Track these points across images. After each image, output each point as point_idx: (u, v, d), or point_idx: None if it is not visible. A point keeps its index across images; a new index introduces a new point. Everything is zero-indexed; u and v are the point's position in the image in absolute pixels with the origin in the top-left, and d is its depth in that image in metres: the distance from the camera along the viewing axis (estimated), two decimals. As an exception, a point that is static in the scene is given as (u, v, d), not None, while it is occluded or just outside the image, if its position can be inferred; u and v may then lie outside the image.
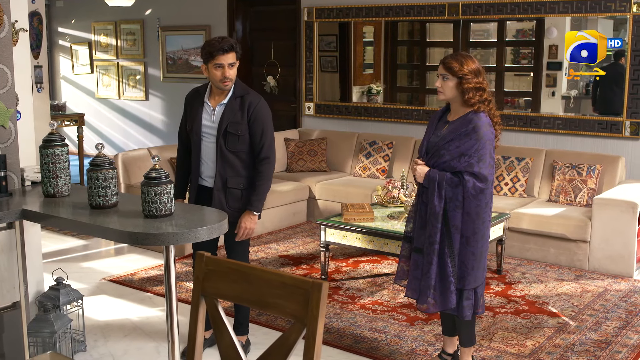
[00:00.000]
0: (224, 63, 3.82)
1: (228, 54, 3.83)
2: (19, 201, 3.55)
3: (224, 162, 3.92)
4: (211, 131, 3.95)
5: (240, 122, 3.90)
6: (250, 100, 3.94)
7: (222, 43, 3.82)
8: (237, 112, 3.90)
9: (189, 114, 4.04)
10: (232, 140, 3.90)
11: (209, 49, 3.82)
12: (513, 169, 6.52)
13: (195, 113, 3.99)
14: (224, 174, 3.92)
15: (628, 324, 4.61)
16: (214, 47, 3.80)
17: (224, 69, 3.83)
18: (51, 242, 6.53)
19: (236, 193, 3.95)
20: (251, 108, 3.92)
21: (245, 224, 3.94)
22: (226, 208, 3.91)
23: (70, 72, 11.53)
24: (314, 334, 1.89)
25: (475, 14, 7.20)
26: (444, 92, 3.59)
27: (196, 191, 4.03)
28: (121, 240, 3.11)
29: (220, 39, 3.86)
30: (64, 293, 4.06)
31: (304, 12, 8.39)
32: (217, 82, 3.87)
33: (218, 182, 3.93)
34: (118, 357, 4.15)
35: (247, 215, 3.95)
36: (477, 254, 3.59)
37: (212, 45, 3.82)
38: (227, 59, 3.83)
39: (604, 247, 5.65)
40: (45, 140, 3.60)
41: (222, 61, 3.82)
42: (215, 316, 2.13)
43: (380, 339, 4.36)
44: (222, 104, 3.94)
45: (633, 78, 6.35)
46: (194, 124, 3.98)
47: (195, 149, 4.01)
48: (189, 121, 4.03)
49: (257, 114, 3.93)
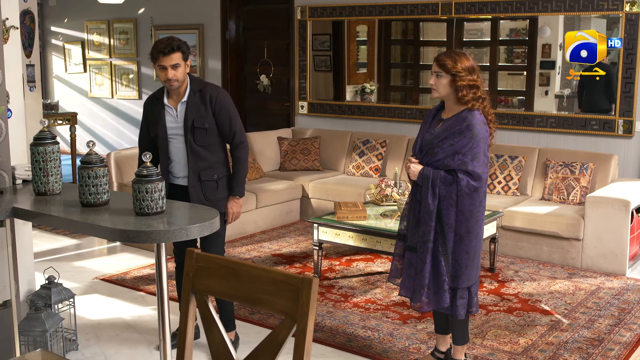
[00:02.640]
0: (166, 65, 3.83)
1: (170, 55, 3.82)
2: (9, 199, 3.53)
3: (195, 158, 3.96)
4: (178, 131, 3.98)
5: (205, 116, 3.94)
6: (210, 93, 3.97)
7: (163, 45, 3.82)
8: (199, 106, 3.94)
9: (151, 120, 4.05)
10: (201, 134, 3.95)
11: (152, 51, 3.86)
12: (506, 168, 6.53)
13: (158, 117, 4.00)
14: (197, 169, 3.97)
15: (621, 322, 4.62)
16: (156, 49, 3.82)
17: (166, 70, 3.83)
18: (43, 241, 6.51)
19: (211, 185, 4.02)
20: (213, 100, 3.96)
21: (233, 208, 4.08)
22: (204, 201, 3.98)
23: (63, 71, 11.49)
24: (305, 330, 1.88)
25: (469, 12, 7.20)
26: (437, 90, 3.58)
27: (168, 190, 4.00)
28: (112, 238, 3.10)
29: (165, 40, 3.87)
30: (55, 292, 4.04)
31: (297, 10, 8.38)
32: (164, 82, 3.90)
33: (192, 178, 3.98)
34: (110, 356, 4.13)
35: (232, 200, 4.09)
36: (471, 252, 3.58)
37: (155, 47, 3.84)
38: (170, 61, 3.82)
39: (597, 245, 5.66)
40: (36, 138, 3.58)
41: (164, 63, 3.83)
42: (206, 313, 2.12)
43: (373, 337, 4.35)
44: (183, 102, 3.96)
45: (625, 76, 6.36)
46: (159, 128, 3.99)
47: (163, 153, 4.04)
48: (152, 127, 4.04)
49: (220, 104, 3.97)
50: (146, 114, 4.11)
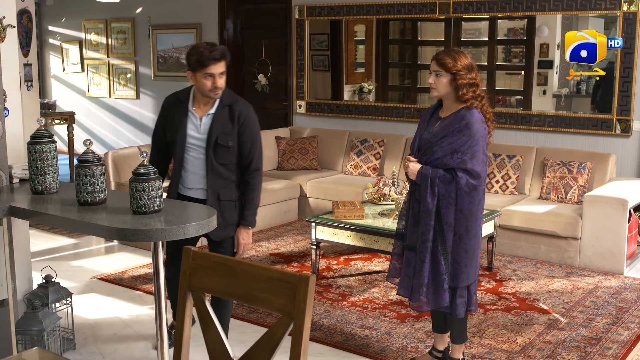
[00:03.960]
0: (214, 73, 3.59)
1: (219, 63, 3.60)
2: (6, 198, 3.53)
3: (215, 176, 3.70)
4: (199, 142, 3.71)
5: (230, 133, 3.67)
6: (240, 110, 3.70)
7: (213, 51, 3.57)
8: (227, 123, 3.67)
9: (169, 123, 3.78)
10: (223, 153, 3.68)
11: (199, 57, 3.56)
12: (504, 167, 6.53)
13: (179, 123, 3.71)
14: (216, 188, 3.71)
15: (618, 321, 4.62)
16: (205, 56, 3.55)
17: (214, 78, 3.59)
18: (41, 240, 6.50)
19: (230, 205, 3.76)
20: (241, 118, 3.69)
21: (244, 239, 3.81)
22: (221, 222, 3.73)
23: (60, 70, 11.48)
24: (301, 328, 1.88)
25: (466, 12, 7.20)
26: (437, 89, 3.56)
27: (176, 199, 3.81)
28: (109, 236, 3.10)
29: (210, 46, 3.61)
30: (52, 291, 4.04)
31: (295, 10, 8.38)
32: (206, 91, 3.62)
33: (211, 198, 3.71)
34: (107, 355, 4.13)
35: (243, 230, 3.81)
36: (470, 251, 3.58)
37: (202, 53, 3.55)
38: (218, 69, 3.60)
39: (595, 244, 5.66)
40: (33, 137, 3.58)
41: (213, 71, 3.58)
42: (203, 311, 2.12)
43: (371, 336, 4.35)
44: (210, 113, 3.69)
45: (623, 76, 6.37)
46: (178, 134, 3.71)
47: (177, 160, 3.78)
48: (171, 131, 3.77)
49: (247, 124, 3.70)
50: (165, 114, 3.82)
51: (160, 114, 3.87)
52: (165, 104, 3.84)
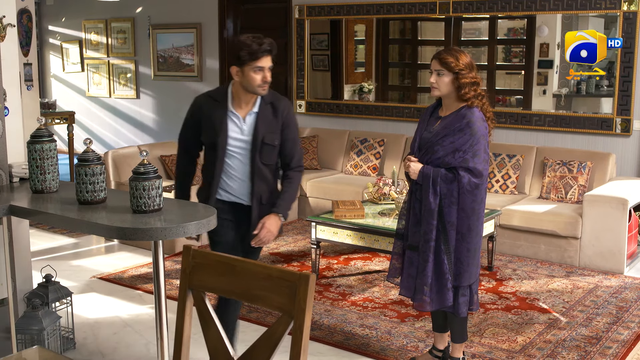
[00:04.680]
0: (264, 66, 3.33)
1: (269, 56, 3.36)
2: (6, 197, 3.52)
3: (259, 179, 3.47)
4: (243, 145, 3.44)
5: (275, 132, 3.45)
6: (283, 106, 3.48)
7: (263, 44, 3.31)
8: (272, 121, 3.45)
9: (207, 125, 3.46)
10: (268, 152, 3.47)
11: (250, 49, 3.28)
12: (504, 166, 6.53)
13: (219, 125, 3.42)
14: (259, 192, 3.48)
15: (618, 320, 4.62)
16: (255, 49, 3.29)
17: (264, 72, 3.33)
18: (41, 240, 6.50)
19: (267, 209, 3.53)
20: (284, 114, 3.48)
21: (270, 226, 3.46)
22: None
23: (60, 70, 11.47)
24: (301, 326, 1.88)
25: (466, 11, 7.20)
26: (439, 88, 3.55)
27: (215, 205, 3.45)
28: (109, 235, 3.09)
29: (257, 38, 3.33)
30: (52, 290, 4.04)
31: (295, 9, 8.37)
32: (255, 87, 3.35)
33: (255, 201, 3.48)
34: (107, 354, 4.13)
35: (273, 217, 3.48)
36: (472, 250, 3.57)
37: (251, 46, 3.28)
38: (268, 62, 3.35)
39: (595, 243, 5.66)
40: (33, 136, 3.57)
41: (263, 64, 3.32)
42: (203, 310, 2.12)
43: (371, 336, 4.35)
44: (253, 112, 3.44)
45: (623, 75, 6.36)
46: (219, 137, 3.42)
47: (218, 164, 3.47)
48: (208, 133, 3.46)
49: (289, 121, 3.51)
50: (199, 115, 3.50)
51: (192, 115, 3.53)
52: (197, 105, 3.52)
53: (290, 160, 3.55)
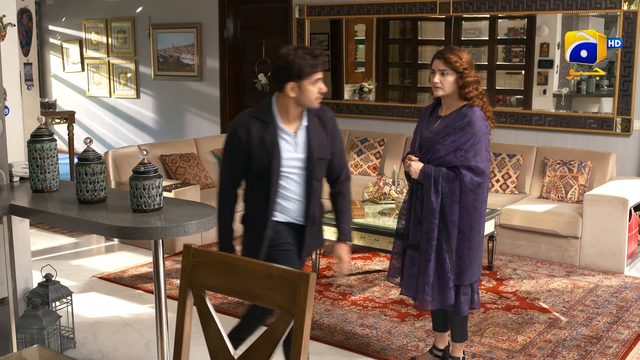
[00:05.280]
0: (320, 77, 3.15)
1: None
2: (7, 196, 3.52)
3: (314, 197, 3.27)
4: (298, 163, 3.20)
5: (326, 145, 3.26)
6: (328, 117, 3.29)
7: (317, 55, 3.13)
8: (321, 133, 3.25)
9: (258, 149, 3.15)
10: (321, 167, 3.27)
11: (311, 63, 3.09)
12: (504, 166, 6.53)
13: (271, 145, 3.15)
14: (313, 211, 3.28)
15: (619, 319, 4.62)
16: (315, 61, 3.11)
17: (320, 83, 3.15)
18: (41, 239, 6.50)
19: (318, 227, 3.39)
20: (330, 124, 3.29)
21: (346, 257, 3.39)
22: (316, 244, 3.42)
23: (60, 70, 11.48)
24: (302, 325, 1.88)
25: (467, 11, 7.20)
26: (443, 88, 3.53)
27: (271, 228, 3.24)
28: (109, 234, 3.10)
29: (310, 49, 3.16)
30: (53, 289, 4.03)
31: (296, 9, 8.38)
32: (313, 100, 3.15)
33: (309, 221, 3.29)
34: (107, 353, 4.13)
35: (344, 247, 3.39)
36: (474, 248, 3.57)
37: (306, 59, 3.09)
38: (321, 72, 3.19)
39: (595, 243, 5.66)
40: (33, 135, 3.58)
41: (320, 75, 3.14)
42: (203, 309, 2.11)
43: (371, 335, 4.35)
44: (303, 126, 3.21)
45: (623, 75, 6.36)
46: (272, 159, 3.15)
47: (273, 189, 3.19)
48: (261, 159, 3.16)
49: (336, 132, 3.32)
50: (247, 142, 3.16)
51: (239, 143, 3.17)
52: (244, 129, 3.17)
53: (340, 173, 3.37)
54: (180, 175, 6.53)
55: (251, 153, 3.16)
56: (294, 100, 3.16)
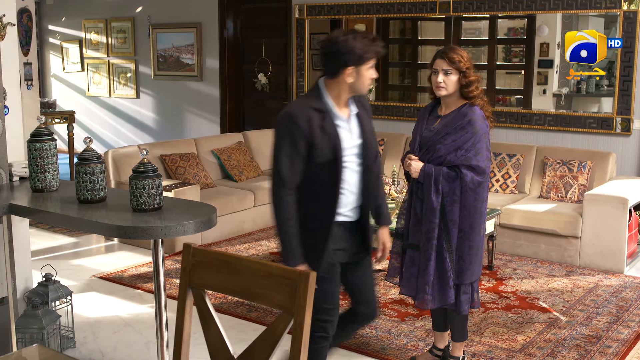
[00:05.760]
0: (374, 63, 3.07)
1: None
2: (6, 196, 3.52)
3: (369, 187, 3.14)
4: (352, 151, 3.05)
5: (372, 128, 3.15)
6: (365, 100, 3.20)
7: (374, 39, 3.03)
8: (367, 118, 3.14)
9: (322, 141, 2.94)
10: (374, 154, 3.16)
11: (372, 47, 3.00)
12: (504, 166, 6.53)
13: (331, 134, 2.96)
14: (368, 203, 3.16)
15: (619, 319, 4.62)
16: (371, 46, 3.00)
17: (374, 69, 3.05)
18: (41, 239, 6.50)
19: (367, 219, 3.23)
20: (368, 108, 3.19)
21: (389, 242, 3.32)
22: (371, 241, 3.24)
23: (60, 70, 11.48)
24: (302, 324, 1.88)
25: (467, 11, 7.21)
26: (446, 88, 3.52)
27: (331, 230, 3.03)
28: (109, 234, 3.10)
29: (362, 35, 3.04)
30: (52, 289, 4.03)
31: (295, 9, 8.38)
32: (367, 86, 3.05)
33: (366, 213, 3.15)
34: (107, 353, 4.13)
35: (387, 230, 3.33)
36: (475, 248, 3.57)
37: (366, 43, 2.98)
38: None
39: (595, 242, 5.66)
40: (33, 135, 3.58)
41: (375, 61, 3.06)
42: (203, 308, 2.12)
43: (371, 335, 4.35)
44: (354, 111, 3.09)
45: (623, 75, 6.37)
46: (336, 148, 2.96)
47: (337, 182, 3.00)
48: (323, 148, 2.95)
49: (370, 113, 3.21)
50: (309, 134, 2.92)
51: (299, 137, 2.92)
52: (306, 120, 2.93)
53: (375, 156, 3.20)
54: (180, 175, 6.53)
55: (314, 143, 2.92)
56: (349, 86, 3.01)
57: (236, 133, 7.96)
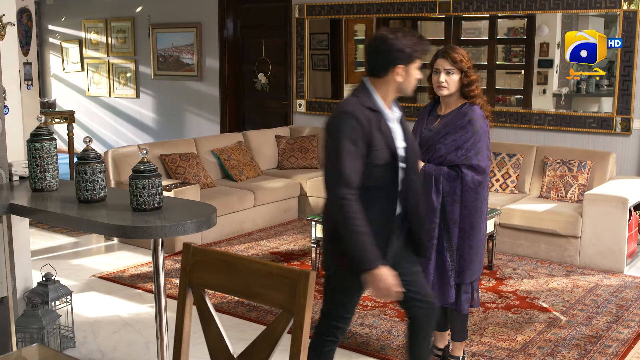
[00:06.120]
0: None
1: None
2: (6, 195, 3.52)
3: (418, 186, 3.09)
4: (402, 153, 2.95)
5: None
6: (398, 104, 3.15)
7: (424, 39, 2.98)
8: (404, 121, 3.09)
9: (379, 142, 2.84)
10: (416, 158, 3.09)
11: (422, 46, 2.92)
12: (504, 165, 6.53)
13: (389, 136, 2.89)
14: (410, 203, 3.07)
15: (619, 319, 4.62)
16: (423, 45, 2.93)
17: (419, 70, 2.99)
18: (41, 239, 6.49)
19: None
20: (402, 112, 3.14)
21: None
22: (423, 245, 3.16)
23: (60, 69, 11.47)
24: (302, 323, 1.88)
25: (466, 10, 7.21)
26: (448, 87, 3.51)
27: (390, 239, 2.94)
28: (109, 233, 3.09)
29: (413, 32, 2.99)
30: (52, 289, 4.03)
31: (295, 9, 8.37)
32: (413, 86, 3.00)
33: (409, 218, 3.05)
34: (107, 353, 4.12)
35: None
36: (475, 247, 3.57)
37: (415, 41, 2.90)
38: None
39: (595, 242, 5.66)
40: (33, 134, 3.58)
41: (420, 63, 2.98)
42: (203, 308, 2.11)
43: (371, 335, 4.34)
44: (399, 112, 3.05)
45: (623, 74, 6.36)
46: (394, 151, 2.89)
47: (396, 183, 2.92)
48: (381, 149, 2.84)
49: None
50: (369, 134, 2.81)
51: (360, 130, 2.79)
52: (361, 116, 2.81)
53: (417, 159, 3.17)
54: (180, 175, 6.53)
55: (373, 144, 2.80)
56: (396, 86, 2.92)
57: (236, 133, 7.96)
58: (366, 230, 2.75)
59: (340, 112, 2.85)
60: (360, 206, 2.76)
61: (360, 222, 2.75)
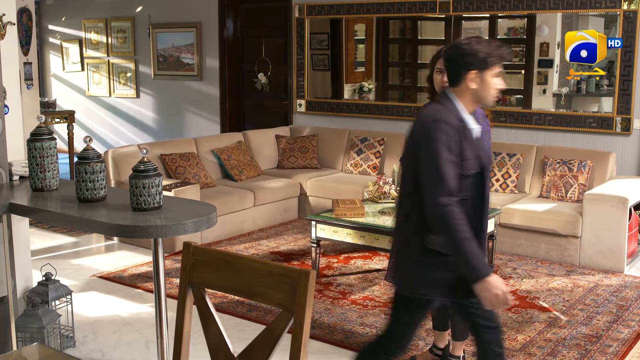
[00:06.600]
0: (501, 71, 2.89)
1: None
2: (6, 195, 3.52)
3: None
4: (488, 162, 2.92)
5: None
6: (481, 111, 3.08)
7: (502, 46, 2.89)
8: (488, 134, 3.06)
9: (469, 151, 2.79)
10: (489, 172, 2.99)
11: (497, 51, 2.84)
12: (504, 165, 6.53)
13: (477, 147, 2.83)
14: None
15: (619, 319, 4.62)
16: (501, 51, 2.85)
17: (501, 78, 2.89)
18: (41, 239, 6.49)
19: None
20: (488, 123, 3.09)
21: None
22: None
23: (60, 69, 11.47)
24: (302, 323, 1.88)
25: (467, 10, 7.21)
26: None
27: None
28: (109, 233, 3.09)
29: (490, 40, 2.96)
30: (52, 288, 4.03)
31: (295, 9, 8.37)
32: (492, 95, 2.87)
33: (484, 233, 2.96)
34: (107, 352, 4.12)
35: None
36: None
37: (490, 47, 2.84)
38: None
39: (595, 242, 5.66)
40: (33, 134, 3.58)
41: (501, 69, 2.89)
42: (203, 307, 2.11)
43: (372, 334, 4.34)
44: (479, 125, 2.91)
45: (623, 74, 6.36)
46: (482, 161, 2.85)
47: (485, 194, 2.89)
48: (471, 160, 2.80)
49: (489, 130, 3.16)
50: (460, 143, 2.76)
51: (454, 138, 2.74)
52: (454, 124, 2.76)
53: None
54: (180, 175, 6.53)
55: (464, 154, 2.75)
56: (472, 94, 2.84)
57: (236, 133, 7.96)
58: (472, 236, 2.70)
59: (432, 120, 2.78)
60: (462, 213, 2.70)
61: (466, 229, 2.69)
